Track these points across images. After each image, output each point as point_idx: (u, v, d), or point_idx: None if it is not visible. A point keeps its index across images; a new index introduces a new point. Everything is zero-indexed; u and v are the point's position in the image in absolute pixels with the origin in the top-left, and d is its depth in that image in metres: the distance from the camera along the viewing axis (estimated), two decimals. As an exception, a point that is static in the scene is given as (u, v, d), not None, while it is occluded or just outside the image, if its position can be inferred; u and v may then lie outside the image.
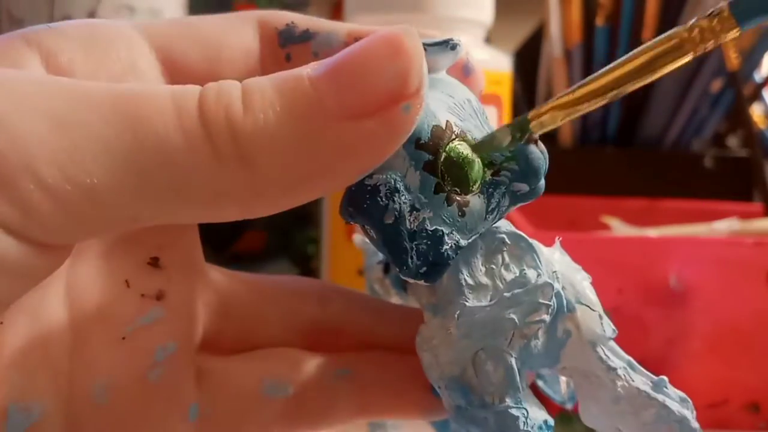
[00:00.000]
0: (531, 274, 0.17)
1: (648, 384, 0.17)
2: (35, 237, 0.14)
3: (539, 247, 0.17)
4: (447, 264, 0.16)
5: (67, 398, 0.16)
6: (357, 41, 0.15)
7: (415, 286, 0.17)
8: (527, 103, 0.56)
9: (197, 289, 0.19)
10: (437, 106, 0.16)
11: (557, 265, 0.17)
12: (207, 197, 0.14)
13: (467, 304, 0.16)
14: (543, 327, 0.16)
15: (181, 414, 0.18)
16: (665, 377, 0.17)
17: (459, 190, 0.16)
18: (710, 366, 0.33)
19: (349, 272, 0.37)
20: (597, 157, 0.54)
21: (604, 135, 0.56)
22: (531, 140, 0.16)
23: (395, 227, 0.16)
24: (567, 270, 0.17)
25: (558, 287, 0.17)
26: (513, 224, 0.18)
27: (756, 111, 0.60)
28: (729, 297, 0.33)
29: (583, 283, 0.17)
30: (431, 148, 0.16)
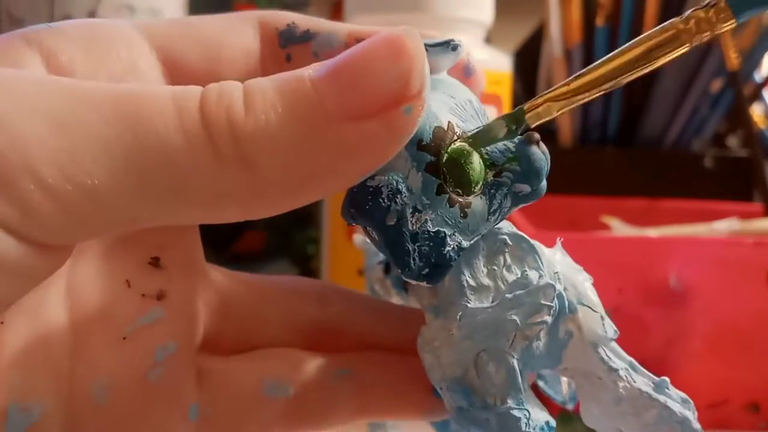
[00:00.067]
0: (533, 276, 0.17)
1: (649, 385, 0.17)
2: (35, 237, 0.14)
3: (541, 248, 0.17)
4: (449, 265, 0.16)
5: (68, 398, 0.16)
6: (357, 42, 0.15)
7: (417, 288, 0.17)
8: (527, 103, 0.56)
9: (198, 289, 0.19)
10: (439, 108, 0.16)
11: (559, 266, 0.17)
12: (207, 198, 0.14)
13: (469, 306, 0.16)
14: (545, 328, 0.16)
15: (182, 414, 0.18)
16: (667, 378, 0.17)
17: (461, 192, 0.16)
18: (710, 366, 0.33)
19: (350, 272, 0.37)
20: (597, 157, 0.54)
21: (605, 135, 0.56)
22: (533, 141, 0.16)
23: (397, 229, 0.16)
24: (568, 271, 0.17)
25: (560, 288, 0.17)
26: (513, 224, 0.18)
27: (756, 111, 0.60)
28: (729, 297, 0.33)
29: (585, 284, 0.17)
30: (433, 150, 0.16)
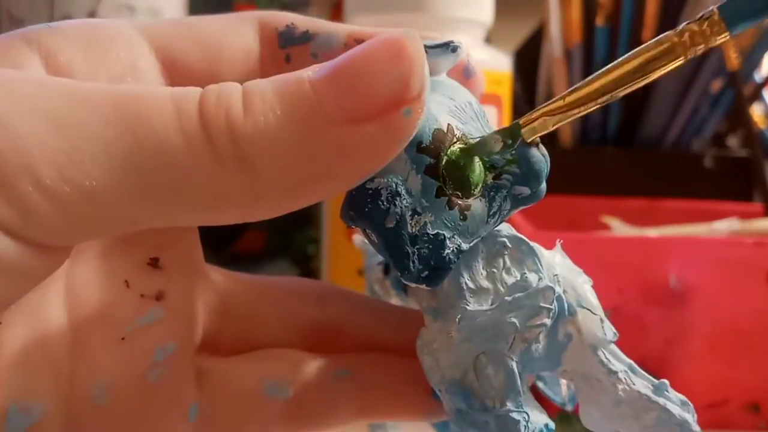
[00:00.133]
0: (532, 278, 0.17)
1: (649, 387, 0.17)
2: (34, 238, 0.14)
3: (540, 251, 0.17)
4: (448, 268, 0.16)
5: (67, 398, 0.16)
6: (357, 42, 0.15)
7: (416, 290, 0.17)
8: (527, 103, 0.56)
9: (197, 290, 0.19)
10: (438, 110, 0.16)
11: (558, 269, 0.17)
12: (206, 200, 0.14)
13: (468, 308, 0.16)
14: (544, 331, 0.16)
15: (181, 414, 0.18)
16: (666, 381, 0.17)
17: (460, 194, 0.16)
18: (710, 366, 0.33)
19: (349, 273, 0.37)
20: (597, 157, 0.54)
21: (604, 135, 0.56)
22: (533, 143, 0.16)
23: (396, 231, 0.16)
24: (568, 273, 0.17)
25: (559, 291, 0.17)
26: (513, 224, 0.18)
27: (756, 111, 0.60)
28: (729, 297, 0.33)
29: (585, 287, 0.17)
30: (433, 152, 0.16)
